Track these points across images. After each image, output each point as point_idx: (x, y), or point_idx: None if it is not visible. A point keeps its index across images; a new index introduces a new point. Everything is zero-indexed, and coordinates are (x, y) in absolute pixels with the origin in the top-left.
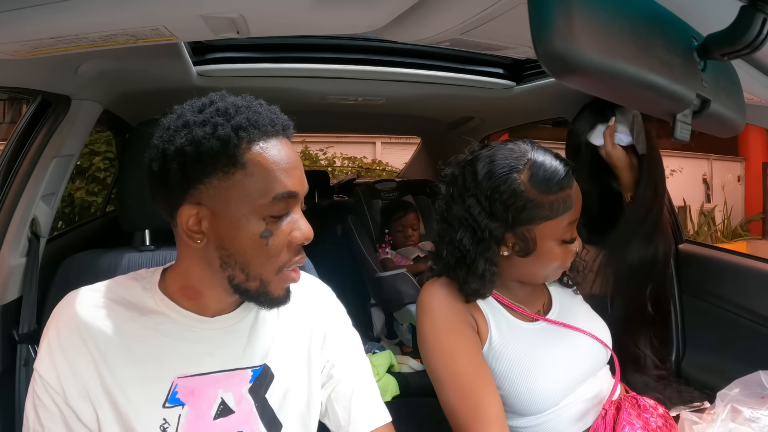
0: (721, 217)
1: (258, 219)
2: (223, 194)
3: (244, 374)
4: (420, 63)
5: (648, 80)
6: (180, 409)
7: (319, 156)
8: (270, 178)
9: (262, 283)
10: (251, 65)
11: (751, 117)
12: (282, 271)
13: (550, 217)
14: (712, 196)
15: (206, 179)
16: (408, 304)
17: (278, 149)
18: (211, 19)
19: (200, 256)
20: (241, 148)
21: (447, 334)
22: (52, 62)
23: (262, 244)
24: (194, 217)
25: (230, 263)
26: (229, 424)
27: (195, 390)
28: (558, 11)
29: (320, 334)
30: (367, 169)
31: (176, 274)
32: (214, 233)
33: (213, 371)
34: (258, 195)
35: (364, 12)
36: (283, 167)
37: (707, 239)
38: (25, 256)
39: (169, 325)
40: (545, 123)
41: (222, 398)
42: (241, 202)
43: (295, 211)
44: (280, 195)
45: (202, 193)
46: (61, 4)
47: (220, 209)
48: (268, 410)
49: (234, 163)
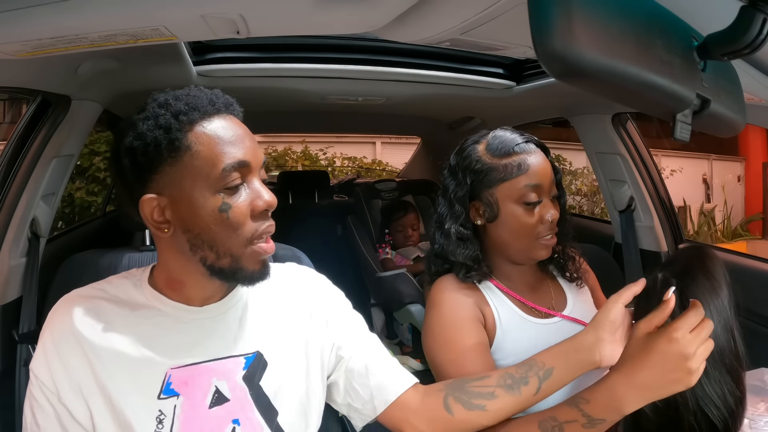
0: (721, 217)
1: (213, 194)
2: (177, 179)
3: (237, 362)
4: (420, 63)
5: (648, 80)
6: (175, 399)
7: (319, 156)
8: (216, 151)
9: (234, 258)
10: (251, 65)
11: (751, 117)
12: (252, 244)
13: (505, 179)
14: (712, 196)
15: (158, 168)
16: (408, 304)
17: (221, 125)
18: (211, 19)
19: (172, 244)
20: (184, 131)
21: (454, 331)
22: (52, 62)
23: (222, 218)
24: (157, 208)
25: (198, 244)
26: (225, 412)
27: (189, 380)
28: (558, 11)
29: (321, 320)
30: (367, 169)
31: (160, 268)
32: (177, 219)
33: (206, 360)
34: (208, 170)
35: (364, 12)
36: (228, 140)
37: (707, 239)
38: (25, 256)
39: (160, 317)
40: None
41: (216, 387)
42: (194, 182)
43: (252, 180)
44: (229, 165)
45: (158, 183)
46: (61, 4)
47: (177, 194)
48: (263, 398)
49: (179, 147)
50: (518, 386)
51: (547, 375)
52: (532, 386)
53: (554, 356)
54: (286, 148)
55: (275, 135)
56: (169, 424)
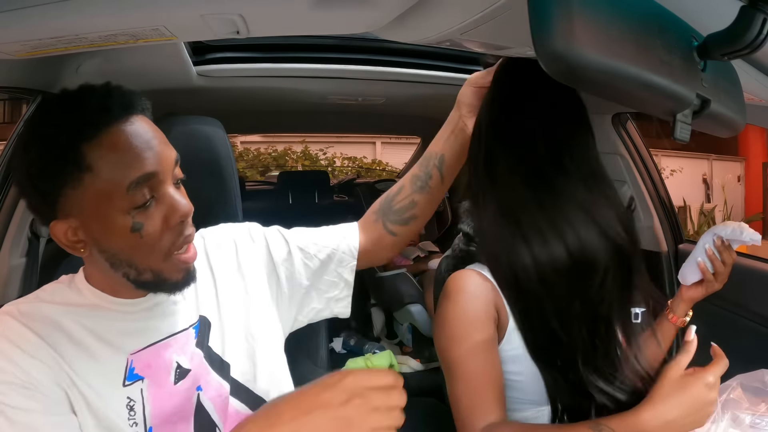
0: (721, 217)
1: (123, 215)
2: (82, 202)
3: (188, 333)
4: (420, 63)
5: (648, 80)
6: (141, 383)
7: (319, 156)
8: (117, 168)
9: (154, 273)
10: (251, 65)
11: (751, 117)
12: (172, 256)
13: None
14: (712, 196)
15: (61, 192)
16: (408, 304)
17: (119, 136)
18: (211, 19)
19: (92, 261)
20: (80, 151)
21: (468, 328)
22: (52, 62)
23: (136, 237)
24: (70, 230)
25: (117, 263)
26: (189, 383)
27: (151, 361)
28: (558, 11)
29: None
30: (367, 169)
31: (89, 277)
32: (91, 240)
33: (161, 339)
34: (112, 191)
35: (364, 12)
36: (129, 152)
37: None
38: (25, 256)
39: (106, 311)
40: None
41: (177, 362)
42: (100, 204)
43: (163, 192)
44: (134, 182)
45: (65, 206)
46: (61, 4)
47: (87, 216)
48: (215, 356)
49: (78, 168)
50: (426, 184)
51: (442, 161)
52: (435, 178)
53: (440, 144)
54: (286, 148)
55: (275, 135)
56: (140, 409)
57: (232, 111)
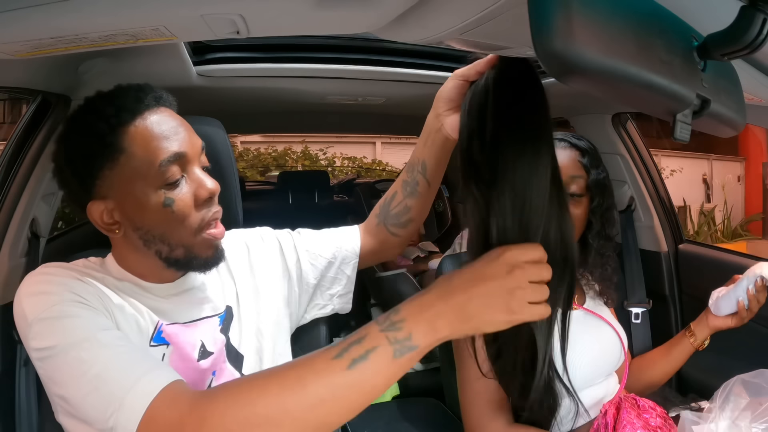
0: (721, 217)
1: (155, 191)
2: (118, 181)
3: (214, 321)
4: (420, 63)
5: (648, 80)
6: (165, 348)
7: (319, 156)
8: (150, 148)
9: (186, 248)
10: (251, 65)
11: (751, 117)
12: (201, 232)
13: None
14: (712, 196)
15: (98, 174)
16: None
17: (152, 120)
18: (211, 19)
19: (125, 242)
20: (116, 134)
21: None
22: (52, 62)
23: (168, 212)
24: (105, 212)
25: (150, 240)
26: (208, 365)
27: (179, 333)
28: (558, 11)
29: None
30: (367, 169)
31: (119, 260)
32: (126, 219)
33: (189, 321)
34: (146, 169)
35: (364, 12)
36: (161, 135)
37: (707, 239)
38: (25, 256)
39: (138, 289)
40: None
41: (202, 341)
42: (134, 182)
43: (192, 170)
44: (165, 161)
45: (101, 188)
46: (61, 4)
47: (122, 196)
48: (232, 347)
49: (114, 151)
50: (415, 190)
51: (424, 167)
52: (422, 184)
53: (420, 150)
54: (286, 148)
55: (275, 135)
56: None
57: (232, 111)
